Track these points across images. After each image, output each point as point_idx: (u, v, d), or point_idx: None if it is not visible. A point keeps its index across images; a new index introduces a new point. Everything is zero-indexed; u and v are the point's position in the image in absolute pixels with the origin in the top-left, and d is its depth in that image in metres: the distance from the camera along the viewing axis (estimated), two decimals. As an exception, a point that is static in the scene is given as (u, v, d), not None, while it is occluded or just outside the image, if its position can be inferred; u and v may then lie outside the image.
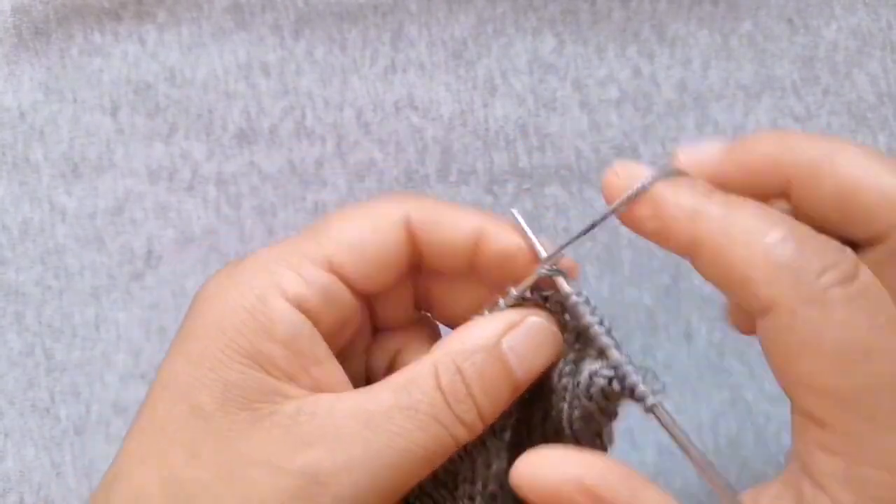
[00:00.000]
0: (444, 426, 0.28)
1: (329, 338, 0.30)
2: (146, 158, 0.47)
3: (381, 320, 0.34)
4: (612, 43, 0.47)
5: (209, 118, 0.47)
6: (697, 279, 0.45)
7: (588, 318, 0.29)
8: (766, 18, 0.48)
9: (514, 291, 0.30)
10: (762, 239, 0.26)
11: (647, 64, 0.47)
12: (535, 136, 0.47)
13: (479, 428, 0.29)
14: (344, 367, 0.30)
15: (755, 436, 0.44)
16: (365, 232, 0.30)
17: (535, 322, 0.30)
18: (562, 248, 0.30)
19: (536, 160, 0.47)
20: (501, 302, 0.30)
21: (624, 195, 0.29)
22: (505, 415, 0.31)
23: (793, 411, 0.27)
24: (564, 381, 0.30)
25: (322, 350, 0.29)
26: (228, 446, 0.27)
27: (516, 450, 0.33)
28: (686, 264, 0.46)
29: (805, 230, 0.26)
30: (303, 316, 0.29)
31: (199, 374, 0.28)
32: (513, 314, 0.30)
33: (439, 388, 0.28)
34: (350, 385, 0.30)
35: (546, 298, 0.30)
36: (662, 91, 0.47)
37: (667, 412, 0.28)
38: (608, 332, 0.30)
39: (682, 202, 0.28)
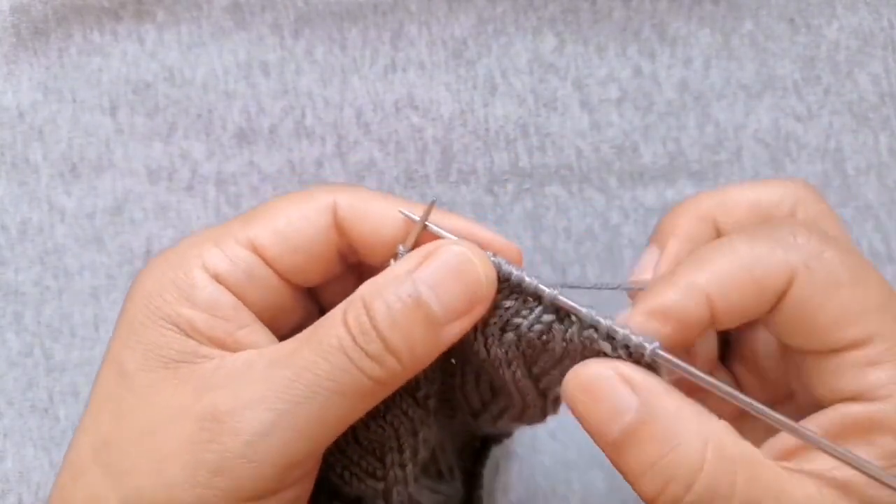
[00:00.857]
0: (350, 359, 0.27)
1: (266, 320, 0.31)
2: (145, 158, 0.47)
3: (329, 308, 0.34)
4: (613, 42, 0.47)
5: (209, 118, 0.47)
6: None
7: (529, 280, 0.29)
8: (767, 18, 0.48)
9: (402, 249, 0.30)
10: (740, 256, 0.29)
11: (648, 63, 0.47)
12: (536, 135, 0.47)
13: (394, 365, 0.27)
14: None
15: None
16: (291, 217, 0.31)
17: (450, 251, 0.28)
18: (433, 203, 0.30)
19: (537, 160, 0.47)
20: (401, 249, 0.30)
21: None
22: (427, 381, 0.30)
23: (828, 368, 0.29)
24: (504, 347, 0.29)
25: (246, 315, 0.30)
26: (146, 403, 0.28)
27: (449, 419, 0.33)
28: (687, 264, 0.46)
29: (752, 228, 0.30)
30: (221, 286, 0.30)
31: (125, 339, 0.29)
32: (428, 246, 0.29)
33: (345, 323, 0.27)
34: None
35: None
36: (663, 90, 0.47)
37: (669, 356, 0.28)
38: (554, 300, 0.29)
39: (671, 299, 0.29)
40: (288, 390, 0.27)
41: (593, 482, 0.44)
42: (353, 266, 0.33)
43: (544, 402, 0.32)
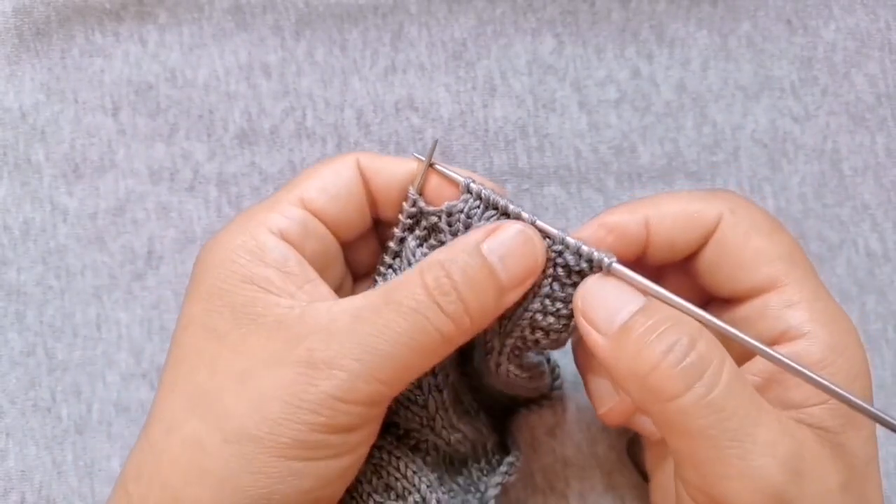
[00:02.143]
0: (426, 317, 0.31)
1: (318, 269, 0.34)
2: (147, 159, 0.47)
3: (357, 267, 0.39)
4: (612, 44, 0.48)
5: (210, 119, 0.47)
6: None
7: (503, 203, 0.34)
8: (764, 19, 0.48)
9: (405, 205, 0.35)
10: (684, 205, 0.36)
11: (646, 64, 0.48)
12: (535, 136, 0.47)
13: (466, 323, 0.32)
14: None
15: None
16: (325, 174, 0.36)
17: (513, 227, 0.33)
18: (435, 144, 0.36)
19: (535, 160, 0.47)
20: (401, 219, 0.36)
21: None
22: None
23: (751, 303, 0.35)
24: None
25: (310, 271, 0.34)
26: (241, 356, 0.32)
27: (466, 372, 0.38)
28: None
29: (691, 193, 0.37)
30: (287, 244, 0.34)
31: (211, 304, 0.33)
32: (492, 223, 0.34)
33: (423, 285, 0.32)
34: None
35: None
36: (661, 91, 0.47)
37: (625, 268, 0.33)
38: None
39: (631, 224, 0.36)
40: (372, 343, 0.31)
41: (591, 480, 0.44)
42: (374, 227, 0.38)
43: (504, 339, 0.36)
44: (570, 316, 0.34)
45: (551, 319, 0.34)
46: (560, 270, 0.34)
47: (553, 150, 0.47)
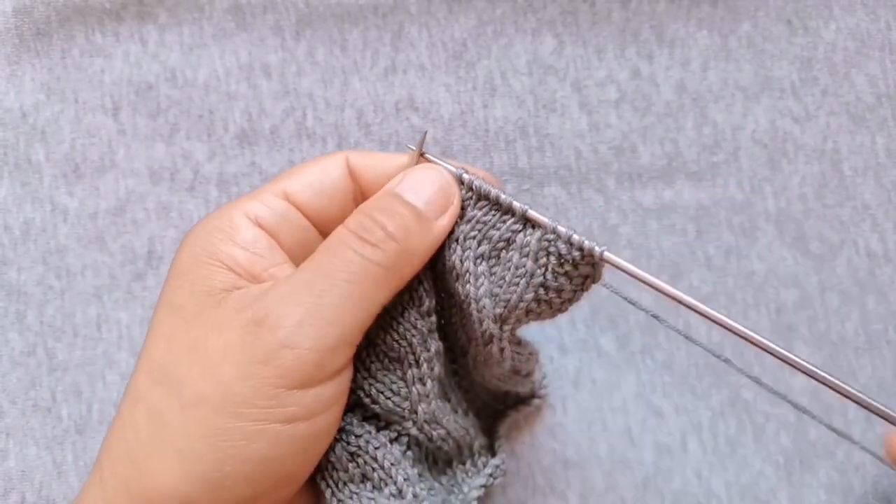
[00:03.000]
0: (353, 250, 0.32)
1: (288, 250, 0.35)
2: (147, 159, 0.47)
3: None
4: (612, 44, 0.48)
5: (210, 119, 0.47)
6: (696, 279, 0.46)
7: (501, 196, 0.34)
8: (764, 19, 0.48)
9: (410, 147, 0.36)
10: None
11: (647, 65, 0.48)
12: (535, 136, 0.47)
13: (394, 248, 0.33)
14: None
15: (754, 435, 0.44)
16: (313, 170, 0.36)
17: (422, 167, 0.35)
18: (424, 136, 0.36)
19: (536, 160, 0.47)
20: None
21: None
22: (427, 294, 0.35)
23: None
24: (475, 260, 0.35)
25: (279, 255, 0.35)
26: (195, 327, 0.32)
27: (444, 338, 0.38)
28: (686, 265, 0.46)
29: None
30: (261, 229, 0.34)
31: (177, 280, 0.34)
32: (406, 171, 0.35)
33: (347, 227, 0.33)
34: None
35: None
36: (661, 92, 0.47)
37: (615, 257, 0.34)
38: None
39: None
40: (310, 287, 0.32)
41: (592, 481, 0.44)
42: None
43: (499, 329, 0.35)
44: (563, 303, 0.35)
45: (545, 307, 0.35)
46: (552, 259, 0.34)
47: (553, 150, 0.47)
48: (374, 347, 0.35)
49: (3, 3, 0.47)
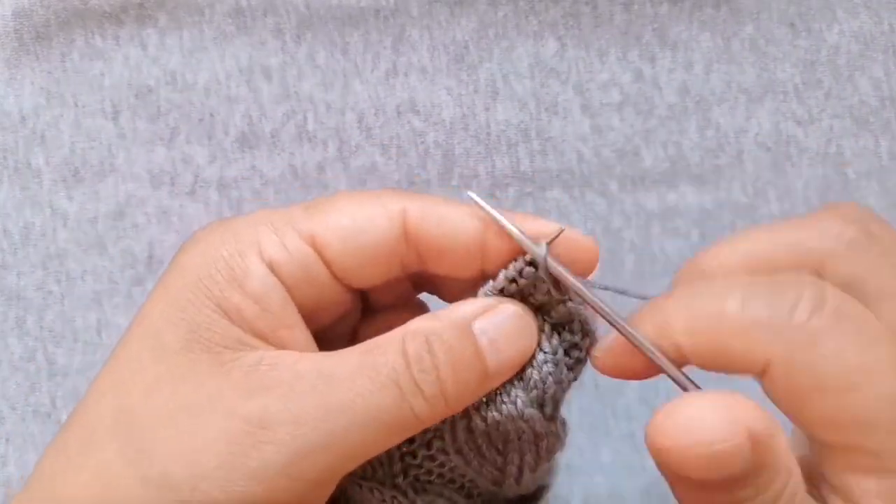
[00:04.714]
0: (403, 393, 0.27)
1: (306, 314, 0.30)
2: (148, 163, 0.47)
3: (372, 303, 0.33)
4: (614, 46, 0.47)
5: (211, 122, 0.47)
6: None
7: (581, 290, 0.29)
8: (767, 22, 0.48)
9: (490, 283, 0.29)
10: (724, 313, 0.26)
11: (649, 67, 0.47)
12: (537, 139, 0.47)
13: (441, 406, 0.28)
14: (325, 344, 0.30)
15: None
16: (358, 218, 0.29)
17: (511, 309, 0.29)
18: (561, 231, 0.29)
19: (538, 164, 0.47)
20: (482, 290, 0.29)
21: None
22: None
23: (812, 444, 0.26)
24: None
25: (292, 315, 0.29)
26: (185, 386, 0.27)
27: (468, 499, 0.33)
28: (688, 268, 0.46)
29: (758, 280, 0.26)
30: (276, 278, 0.29)
31: (169, 313, 0.28)
32: (490, 300, 0.29)
33: (404, 353, 0.27)
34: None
35: (527, 291, 0.29)
36: (664, 94, 0.47)
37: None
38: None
39: (647, 322, 0.28)
40: (339, 414, 0.26)
41: (595, 487, 0.44)
42: (413, 273, 0.32)
43: (552, 421, 0.31)
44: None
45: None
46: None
47: (556, 153, 0.47)
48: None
49: (3, 6, 0.47)
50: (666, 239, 0.46)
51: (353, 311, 0.33)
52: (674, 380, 0.28)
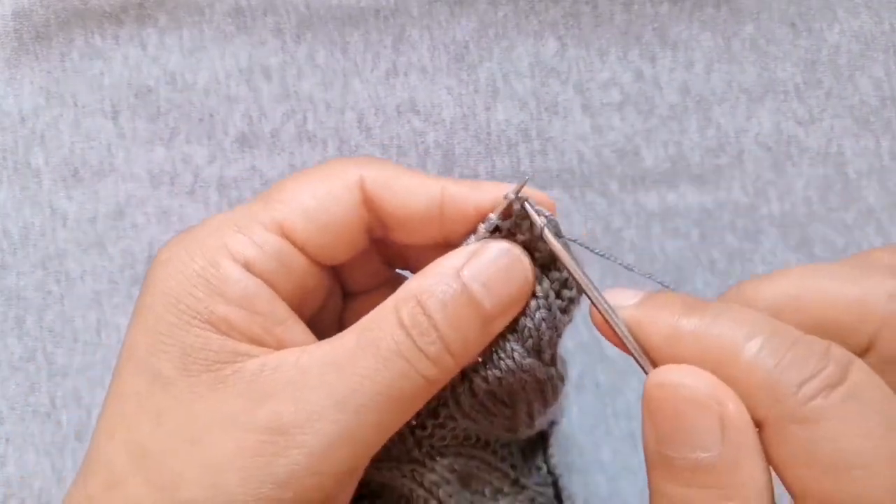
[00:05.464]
0: (408, 361, 0.26)
1: (294, 305, 0.29)
2: (147, 163, 0.47)
3: (350, 286, 0.33)
4: (615, 46, 0.47)
5: (210, 122, 0.47)
6: (700, 283, 0.45)
7: (553, 243, 0.28)
8: (768, 21, 0.48)
9: (481, 227, 0.29)
10: (739, 356, 0.24)
11: (650, 67, 0.47)
12: (537, 139, 0.47)
13: (449, 363, 0.27)
14: (317, 337, 0.30)
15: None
16: (318, 197, 0.29)
17: (497, 246, 0.28)
18: (526, 181, 0.29)
19: (538, 164, 0.47)
20: (471, 237, 0.29)
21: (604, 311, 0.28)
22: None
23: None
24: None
25: (282, 310, 0.29)
26: (191, 410, 0.27)
27: (483, 448, 0.33)
28: (689, 268, 0.46)
29: (786, 335, 0.25)
30: (256, 278, 0.28)
31: (157, 340, 0.27)
32: (473, 245, 0.28)
33: (400, 323, 0.27)
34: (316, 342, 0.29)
35: (511, 234, 0.29)
36: (665, 94, 0.47)
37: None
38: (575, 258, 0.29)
39: (659, 325, 0.26)
40: (350, 400, 0.26)
41: (595, 486, 0.44)
42: (377, 240, 0.32)
43: (552, 365, 0.31)
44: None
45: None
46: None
47: (556, 153, 0.47)
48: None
49: (3, 6, 0.47)
50: (666, 239, 0.46)
51: (336, 298, 0.33)
52: (637, 360, 0.27)
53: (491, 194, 0.29)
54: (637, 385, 0.45)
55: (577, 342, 0.45)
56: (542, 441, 0.36)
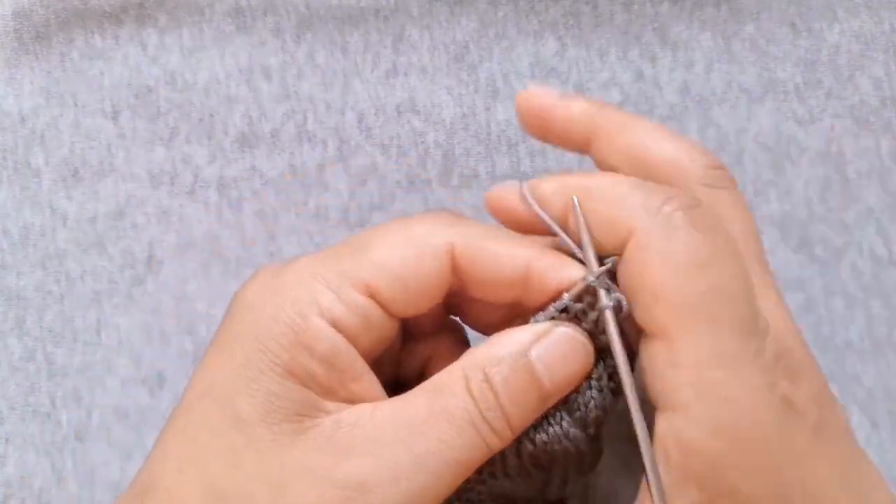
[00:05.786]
0: (478, 432, 0.28)
1: (369, 357, 0.30)
2: (147, 163, 0.47)
3: (410, 328, 0.34)
4: (615, 46, 0.47)
5: (210, 122, 0.47)
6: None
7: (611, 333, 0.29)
8: (768, 21, 0.48)
9: (551, 307, 0.30)
10: (615, 187, 0.29)
11: (650, 67, 0.47)
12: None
13: (509, 437, 0.29)
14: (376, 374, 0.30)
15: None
16: (407, 260, 0.30)
17: (563, 332, 0.29)
18: (607, 267, 0.30)
19: (538, 164, 0.47)
20: (540, 315, 0.30)
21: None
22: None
23: (645, 348, 0.28)
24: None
25: (360, 366, 0.29)
26: (271, 457, 0.27)
27: None
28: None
29: (649, 183, 0.30)
30: (341, 336, 0.29)
31: (241, 383, 0.28)
32: (542, 325, 0.29)
33: (470, 393, 0.28)
34: (386, 397, 0.30)
35: (580, 316, 0.30)
36: (665, 94, 0.47)
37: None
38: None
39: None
40: (427, 462, 0.27)
41: (595, 487, 0.44)
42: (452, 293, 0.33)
43: (596, 441, 0.32)
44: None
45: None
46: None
47: (556, 153, 0.47)
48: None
49: (3, 6, 0.47)
50: (666, 239, 0.46)
51: (397, 336, 0.33)
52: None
53: (573, 278, 0.30)
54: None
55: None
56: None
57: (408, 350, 0.35)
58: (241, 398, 0.28)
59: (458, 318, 0.35)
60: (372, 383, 0.30)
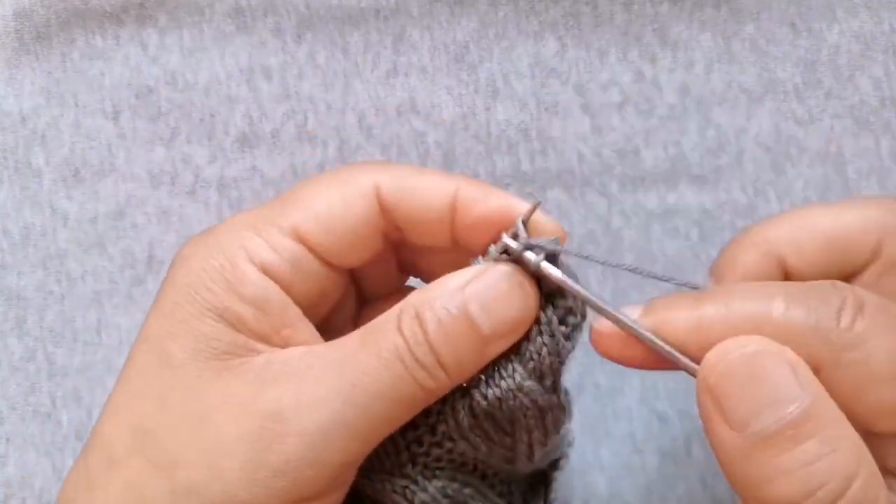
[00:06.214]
0: (406, 367, 0.28)
1: (307, 309, 0.30)
2: (148, 163, 0.47)
3: (366, 291, 0.34)
4: (614, 46, 0.47)
5: (211, 122, 0.47)
6: (700, 283, 0.45)
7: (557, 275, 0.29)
8: (768, 22, 0.48)
9: (492, 248, 0.30)
10: (770, 318, 0.27)
11: (650, 67, 0.47)
12: (538, 139, 0.47)
13: (442, 377, 0.28)
14: (332, 338, 0.30)
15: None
16: (333, 203, 0.30)
17: (500, 269, 0.29)
18: (537, 205, 0.30)
19: (538, 164, 0.47)
20: (480, 259, 0.30)
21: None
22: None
23: (872, 442, 0.27)
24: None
25: (293, 312, 0.30)
26: (197, 394, 0.28)
27: (482, 479, 0.33)
28: (689, 268, 0.46)
29: (798, 287, 0.27)
30: (270, 280, 0.29)
31: (170, 325, 0.29)
32: (479, 267, 0.29)
33: (400, 330, 0.28)
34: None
35: (522, 258, 0.30)
36: (664, 94, 0.47)
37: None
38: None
39: (679, 324, 0.28)
40: (349, 394, 0.27)
41: (595, 486, 0.44)
42: (394, 242, 0.33)
43: (554, 393, 0.32)
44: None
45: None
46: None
47: (556, 153, 0.47)
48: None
49: (3, 6, 0.47)
50: (666, 239, 0.46)
51: (350, 301, 0.34)
52: (678, 360, 0.28)
53: (498, 205, 0.30)
54: (637, 385, 0.45)
55: (578, 342, 0.45)
56: (544, 484, 0.36)
57: (364, 316, 0.35)
58: (171, 340, 0.29)
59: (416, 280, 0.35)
60: (308, 331, 0.30)
